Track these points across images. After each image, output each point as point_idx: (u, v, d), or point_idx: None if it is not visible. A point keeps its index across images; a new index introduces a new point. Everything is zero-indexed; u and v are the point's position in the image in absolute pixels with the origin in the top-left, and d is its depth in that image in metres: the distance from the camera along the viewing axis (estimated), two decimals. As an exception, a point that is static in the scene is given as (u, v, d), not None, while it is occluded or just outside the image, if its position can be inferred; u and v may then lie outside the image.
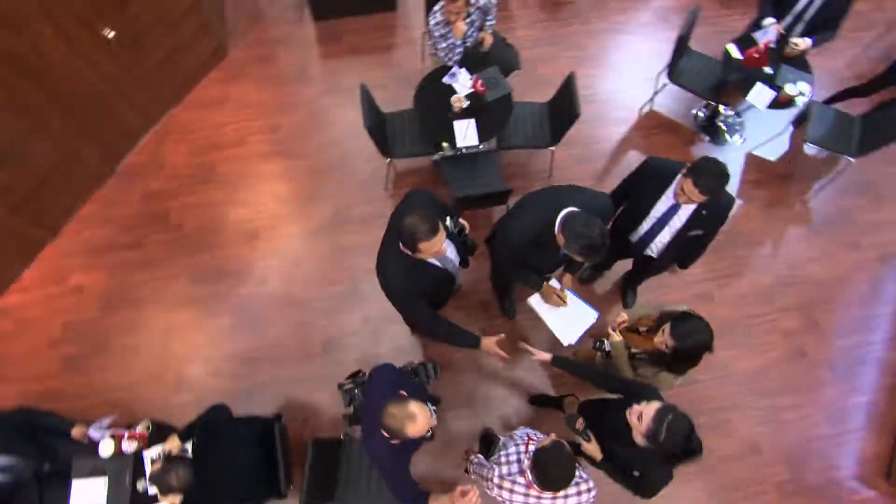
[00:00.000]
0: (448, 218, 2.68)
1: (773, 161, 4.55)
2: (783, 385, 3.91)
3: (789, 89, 3.81)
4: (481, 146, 3.83)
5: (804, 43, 3.80)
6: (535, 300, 3.00)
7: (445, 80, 3.79)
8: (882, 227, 4.41)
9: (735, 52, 3.99)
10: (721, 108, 4.61)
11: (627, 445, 2.36)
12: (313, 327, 3.93)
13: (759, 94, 3.90)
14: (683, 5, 5.15)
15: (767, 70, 3.93)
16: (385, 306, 3.91)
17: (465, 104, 3.72)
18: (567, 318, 2.96)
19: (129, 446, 2.82)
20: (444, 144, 3.77)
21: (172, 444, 2.75)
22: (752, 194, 4.43)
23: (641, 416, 2.19)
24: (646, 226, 2.99)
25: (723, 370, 3.88)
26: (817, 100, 4.28)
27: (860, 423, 3.86)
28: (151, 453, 2.81)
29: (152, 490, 2.56)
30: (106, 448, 2.78)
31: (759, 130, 4.60)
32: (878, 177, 4.55)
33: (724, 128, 4.62)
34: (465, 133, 3.75)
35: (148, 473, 2.70)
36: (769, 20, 3.92)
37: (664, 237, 2.98)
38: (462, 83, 3.77)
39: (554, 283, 2.99)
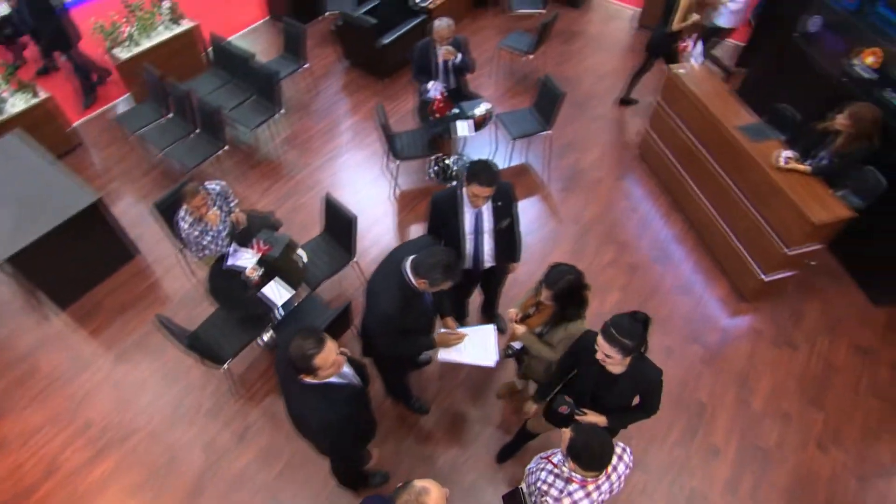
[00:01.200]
0: None
1: (507, 166, 5.51)
2: (642, 295, 4.55)
3: (479, 111, 4.76)
4: (295, 299, 3.88)
5: (452, 51, 4.73)
6: (442, 354, 3.06)
7: (227, 264, 3.80)
8: (598, 163, 5.62)
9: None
10: (447, 158, 5.45)
11: (614, 383, 2.52)
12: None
13: (463, 128, 4.78)
14: (366, 114, 6.09)
15: (455, 111, 4.87)
16: (321, 496, 3.56)
17: (260, 271, 3.76)
18: (475, 345, 3.07)
19: None
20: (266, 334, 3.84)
21: None
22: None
23: (606, 351, 2.35)
24: (469, 245, 3.34)
25: (600, 317, 4.30)
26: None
27: (701, 280, 4.67)
28: None
29: None
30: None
31: (482, 153, 5.57)
32: (571, 135, 5.86)
33: (458, 168, 5.44)
34: (277, 293, 3.76)
35: None
36: (429, 84, 4.90)
37: (487, 243, 3.36)
38: (245, 256, 3.82)
39: (443, 331, 3.11)
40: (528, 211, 5.14)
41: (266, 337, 4.21)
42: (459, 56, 4.80)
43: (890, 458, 3.72)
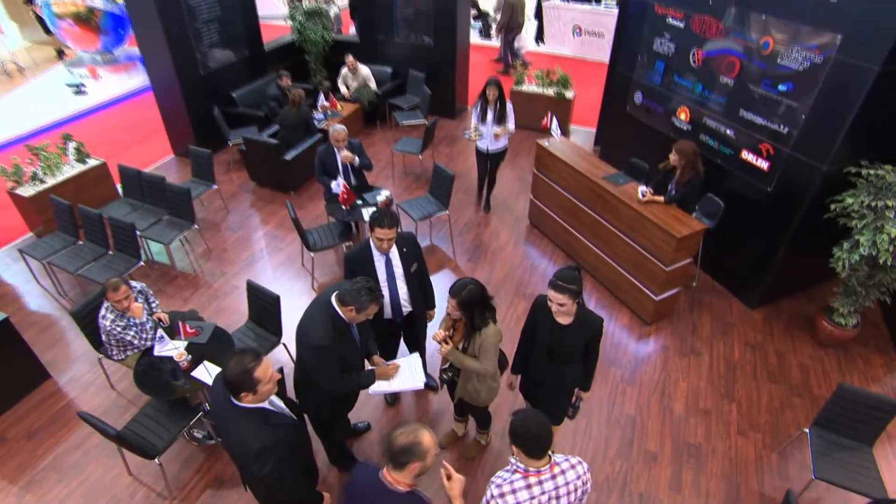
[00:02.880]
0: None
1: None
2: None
3: (381, 198, 5.29)
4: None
5: (351, 155, 5.34)
6: (374, 388, 3.17)
7: (156, 353, 3.76)
8: (496, 235, 6.29)
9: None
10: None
11: (566, 333, 3.00)
12: None
13: (369, 213, 5.25)
14: (278, 223, 6.45)
15: (360, 201, 5.38)
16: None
17: (188, 356, 3.75)
18: (403, 374, 3.25)
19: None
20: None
21: None
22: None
23: (558, 301, 2.82)
24: (386, 291, 3.60)
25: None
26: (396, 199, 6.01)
27: (606, 314, 5.16)
28: None
29: None
30: None
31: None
32: (468, 217, 6.57)
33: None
34: (208, 374, 3.71)
35: None
36: (334, 183, 5.42)
37: (402, 288, 3.64)
38: (172, 344, 3.82)
39: (373, 367, 3.26)
40: (443, 281, 5.53)
41: (200, 435, 4.06)
42: (357, 159, 5.42)
43: (795, 428, 4.13)
